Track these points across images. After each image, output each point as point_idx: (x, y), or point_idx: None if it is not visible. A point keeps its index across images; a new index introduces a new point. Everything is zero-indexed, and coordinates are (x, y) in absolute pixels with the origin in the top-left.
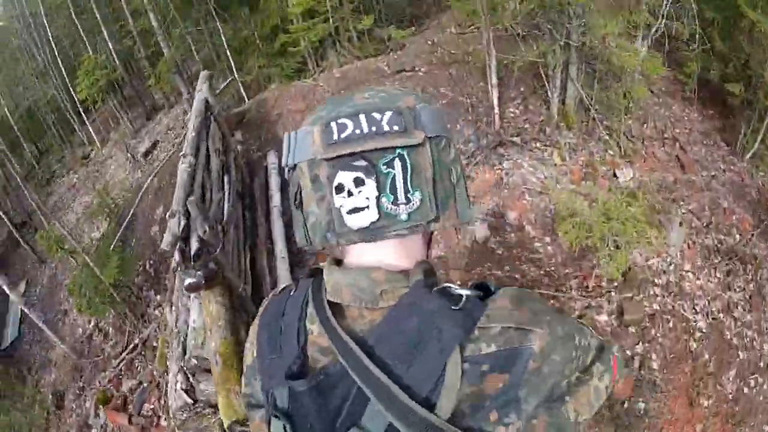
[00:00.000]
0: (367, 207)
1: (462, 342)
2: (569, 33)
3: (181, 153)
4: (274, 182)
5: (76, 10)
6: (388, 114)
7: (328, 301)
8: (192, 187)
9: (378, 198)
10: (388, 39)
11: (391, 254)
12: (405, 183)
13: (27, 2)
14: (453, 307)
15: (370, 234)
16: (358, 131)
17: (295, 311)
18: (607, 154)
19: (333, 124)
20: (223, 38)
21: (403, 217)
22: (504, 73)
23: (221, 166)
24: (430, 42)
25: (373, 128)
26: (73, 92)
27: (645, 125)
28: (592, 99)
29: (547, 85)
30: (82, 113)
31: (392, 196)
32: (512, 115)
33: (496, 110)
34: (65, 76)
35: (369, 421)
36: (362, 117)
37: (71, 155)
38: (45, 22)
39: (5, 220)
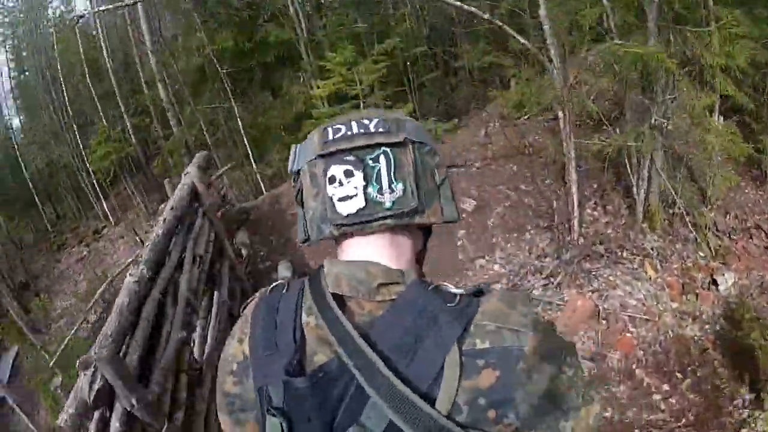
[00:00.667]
0: (356, 195)
1: (459, 337)
2: (659, 113)
3: (132, 259)
4: None
5: (91, 71)
6: (376, 120)
7: (332, 294)
8: (136, 318)
9: (365, 187)
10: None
11: (385, 255)
12: (389, 175)
13: (44, 53)
14: (449, 305)
15: (359, 219)
16: (349, 132)
17: (290, 307)
18: (698, 256)
19: (329, 128)
20: (240, 123)
21: (387, 204)
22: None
23: (205, 280)
24: (478, 135)
25: (362, 130)
26: (86, 161)
27: (727, 216)
28: (676, 191)
29: (630, 177)
30: (97, 187)
31: (377, 186)
32: (591, 217)
33: (575, 213)
34: (79, 142)
35: (368, 419)
36: (353, 122)
37: (85, 227)
38: (61, 78)
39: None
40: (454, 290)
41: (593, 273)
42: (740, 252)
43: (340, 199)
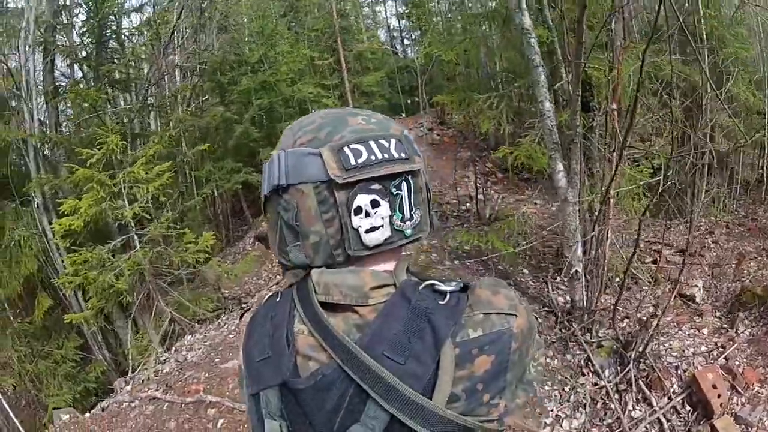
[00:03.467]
0: (382, 226)
1: (453, 332)
2: None
3: None
4: None
5: None
6: (394, 141)
7: (319, 301)
8: None
9: (391, 217)
10: None
11: (381, 264)
12: (410, 203)
13: None
14: (440, 302)
15: (382, 249)
16: (372, 157)
17: (282, 315)
18: None
19: (347, 150)
20: None
21: (408, 232)
22: None
23: None
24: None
25: (385, 155)
26: None
27: None
28: None
29: None
30: None
31: (401, 215)
32: None
33: None
34: None
35: (369, 419)
36: (373, 144)
37: None
38: None
39: None
40: (444, 287)
41: None
42: None
43: (368, 230)
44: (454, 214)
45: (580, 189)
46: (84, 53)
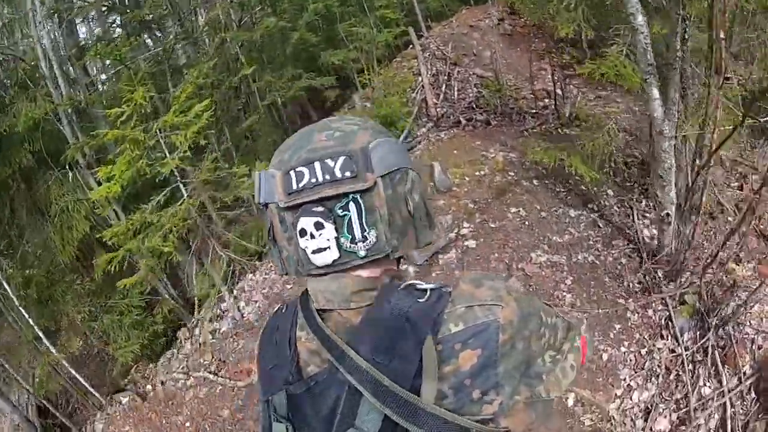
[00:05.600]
0: (329, 247)
1: (432, 328)
2: None
3: None
4: None
5: None
6: (341, 160)
7: (316, 309)
8: None
9: (337, 239)
10: None
11: (362, 276)
12: (360, 223)
13: None
14: (419, 300)
15: (334, 269)
16: (314, 180)
17: (286, 324)
18: None
19: (292, 173)
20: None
21: (362, 253)
22: None
23: None
24: None
25: (327, 176)
26: None
27: None
28: None
29: None
30: None
31: (350, 236)
32: None
33: None
34: None
35: (363, 422)
36: (317, 165)
37: None
38: None
39: None
40: (424, 286)
41: None
42: None
43: (314, 252)
44: (532, 111)
45: (678, 120)
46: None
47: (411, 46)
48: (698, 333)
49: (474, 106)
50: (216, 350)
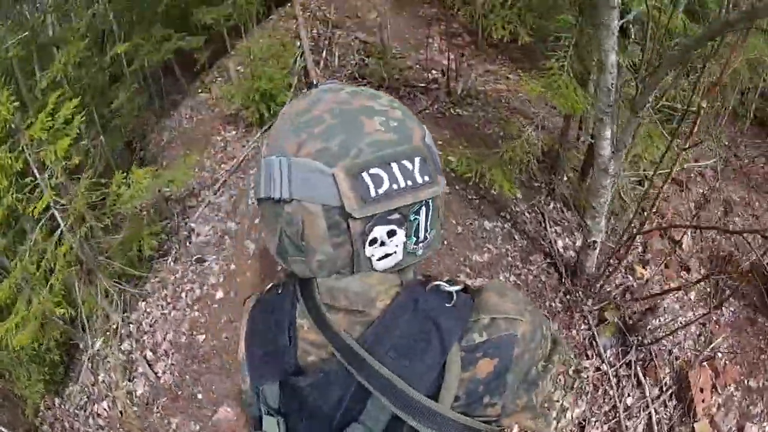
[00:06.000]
0: (395, 252)
1: (460, 335)
2: None
3: None
4: None
5: None
6: (418, 162)
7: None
8: None
9: (405, 243)
10: None
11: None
12: (426, 225)
13: None
14: (447, 304)
15: (389, 271)
16: (395, 186)
17: (284, 308)
18: None
19: (366, 177)
20: None
21: (420, 252)
22: None
23: None
24: None
25: (409, 182)
26: None
27: None
28: None
29: None
30: None
31: (415, 238)
32: None
33: None
34: None
35: (369, 418)
36: (396, 169)
37: None
38: None
39: None
40: (449, 288)
41: None
42: None
43: (380, 258)
44: (421, 86)
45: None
46: None
47: (290, 4)
48: (620, 350)
49: (357, 75)
50: (144, 428)
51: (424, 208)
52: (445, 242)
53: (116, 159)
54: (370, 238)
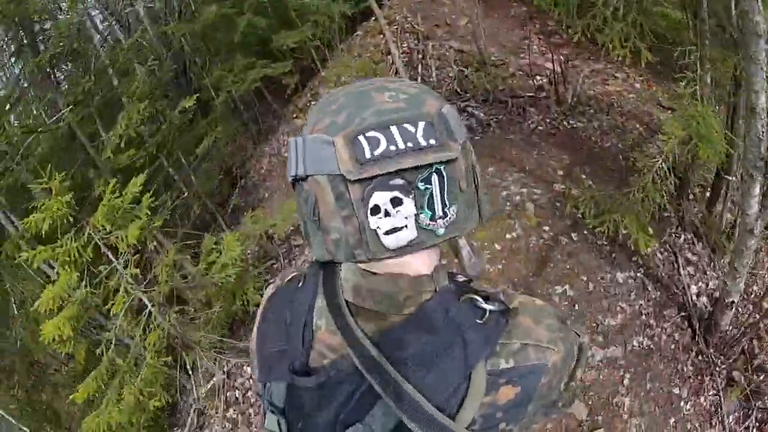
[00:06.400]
0: (406, 226)
1: (487, 356)
2: None
3: None
4: None
5: None
6: (422, 125)
7: (345, 301)
8: None
9: (416, 216)
10: None
11: (415, 263)
12: (442, 198)
13: None
14: (478, 320)
15: (409, 251)
16: (392, 147)
17: (303, 304)
18: None
19: (362, 139)
20: None
21: (441, 231)
22: None
23: None
24: None
25: (409, 144)
26: None
27: None
28: None
29: None
30: None
31: (430, 212)
32: None
33: None
34: None
35: (374, 420)
36: (395, 130)
37: None
38: None
39: None
40: (484, 305)
41: None
42: None
43: (387, 232)
44: (528, 95)
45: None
46: None
47: (374, 18)
48: (742, 413)
49: (458, 90)
50: None
51: (435, 177)
52: (576, 306)
53: (214, 193)
54: (371, 204)
